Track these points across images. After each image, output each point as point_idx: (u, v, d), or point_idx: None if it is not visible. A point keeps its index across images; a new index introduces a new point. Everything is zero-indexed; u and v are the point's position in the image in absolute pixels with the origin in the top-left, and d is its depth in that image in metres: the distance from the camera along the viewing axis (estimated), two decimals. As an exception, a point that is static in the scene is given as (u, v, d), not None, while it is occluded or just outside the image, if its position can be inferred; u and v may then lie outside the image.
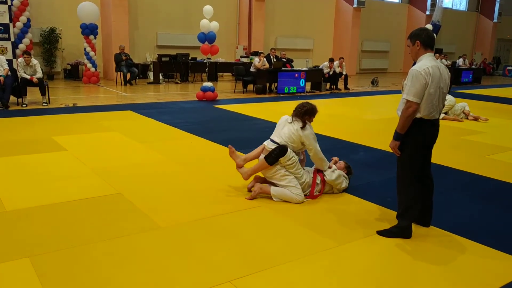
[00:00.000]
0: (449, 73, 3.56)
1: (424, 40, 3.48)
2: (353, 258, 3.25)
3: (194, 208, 4.08)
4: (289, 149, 4.30)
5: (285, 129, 4.45)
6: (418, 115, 3.42)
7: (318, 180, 4.49)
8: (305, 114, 4.42)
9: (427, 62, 3.42)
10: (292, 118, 4.47)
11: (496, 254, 3.37)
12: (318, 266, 3.10)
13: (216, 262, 3.11)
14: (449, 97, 9.55)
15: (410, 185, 3.56)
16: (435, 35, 13.70)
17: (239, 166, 4.59)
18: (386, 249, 3.40)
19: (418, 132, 3.46)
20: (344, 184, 4.64)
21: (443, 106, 3.59)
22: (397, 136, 3.51)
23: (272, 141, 4.45)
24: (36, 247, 3.22)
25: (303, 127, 4.37)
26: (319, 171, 4.56)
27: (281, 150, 4.28)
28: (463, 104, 9.81)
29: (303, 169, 4.49)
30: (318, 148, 4.44)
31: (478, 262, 3.25)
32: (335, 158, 4.90)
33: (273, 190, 4.34)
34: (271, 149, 4.36)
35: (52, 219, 3.73)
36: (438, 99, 3.42)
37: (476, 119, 9.62)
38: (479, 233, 3.73)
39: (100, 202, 4.15)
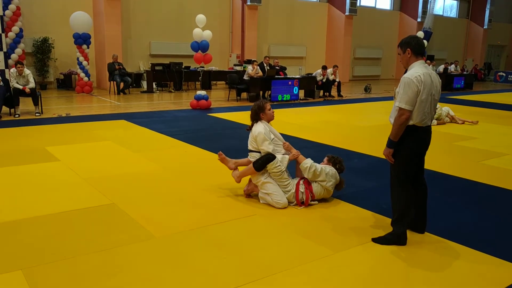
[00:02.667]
0: (440, 80, 3.59)
1: (414, 48, 3.51)
2: (348, 266, 3.24)
3: (188, 218, 4.07)
4: (276, 158, 4.35)
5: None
6: (411, 122, 3.44)
7: (302, 189, 4.40)
8: (257, 114, 4.55)
9: (418, 70, 3.45)
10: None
11: (491, 260, 3.38)
12: (314, 274, 3.09)
13: (211, 272, 3.09)
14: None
15: (404, 191, 3.57)
16: (426, 42, 13.86)
17: (231, 169, 4.77)
18: (381, 257, 3.40)
19: (411, 139, 3.48)
20: (328, 181, 4.38)
21: (435, 113, 3.62)
22: (390, 143, 3.52)
23: (249, 150, 4.61)
24: (28, 259, 3.18)
25: (252, 126, 4.55)
26: (302, 179, 4.50)
27: (268, 158, 4.34)
28: (446, 109, 9.96)
29: (290, 179, 4.47)
30: (266, 144, 4.39)
31: (473, 268, 3.25)
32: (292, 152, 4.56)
33: (260, 193, 4.49)
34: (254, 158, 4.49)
35: (45, 231, 3.70)
36: (430, 106, 3.45)
37: (463, 122, 9.82)
38: (474, 239, 3.74)
39: (93, 213, 4.12)
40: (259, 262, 3.26)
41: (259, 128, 4.46)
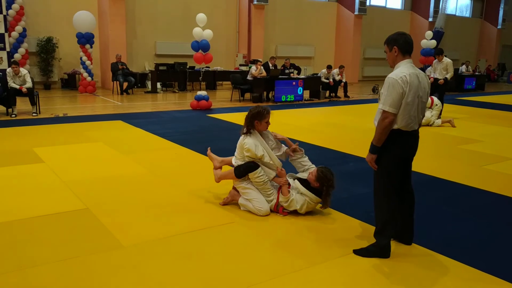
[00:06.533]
0: (429, 81, 3.33)
1: (402, 46, 3.26)
2: (323, 280, 2.99)
3: (162, 225, 3.86)
4: (259, 168, 4.09)
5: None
6: (395, 127, 3.19)
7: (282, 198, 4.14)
8: (253, 119, 4.12)
9: (404, 70, 3.19)
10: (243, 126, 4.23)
11: (482, 277, 3.10)
12: (284, 290, 2.86)
13: (175, 286, 2.87)
14: (436, 100, 9.48)
15: (388, 200, 3.31)
16: (437, 42, 13.42)
17: (215, 168, 4.56)
18: (361, 270, 3.15)
19: (395, 145, 3.23)
20: (303, 207, 4.06)
21: (423, 117, 3.35)
22: (373, 149, 3.28)
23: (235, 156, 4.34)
24: (-18, 269, 3.01)
25: (245, 134, 4.14)
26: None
27: (249, 166, 4.09)
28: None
29: (273, 189, 4.20)
30: (261, 159, 4.09)
31: (462, 286, 2.98)
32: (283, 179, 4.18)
33: (241, 200, 4.25)
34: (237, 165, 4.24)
35: (8, 238, 3.51)
36: (416, 109, 3.19)
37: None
38: (466, 253, 3.45)
39: (63, 219, 3.93)
40: (226, 275, 3.03)
41: (252, 140, 4.06)
